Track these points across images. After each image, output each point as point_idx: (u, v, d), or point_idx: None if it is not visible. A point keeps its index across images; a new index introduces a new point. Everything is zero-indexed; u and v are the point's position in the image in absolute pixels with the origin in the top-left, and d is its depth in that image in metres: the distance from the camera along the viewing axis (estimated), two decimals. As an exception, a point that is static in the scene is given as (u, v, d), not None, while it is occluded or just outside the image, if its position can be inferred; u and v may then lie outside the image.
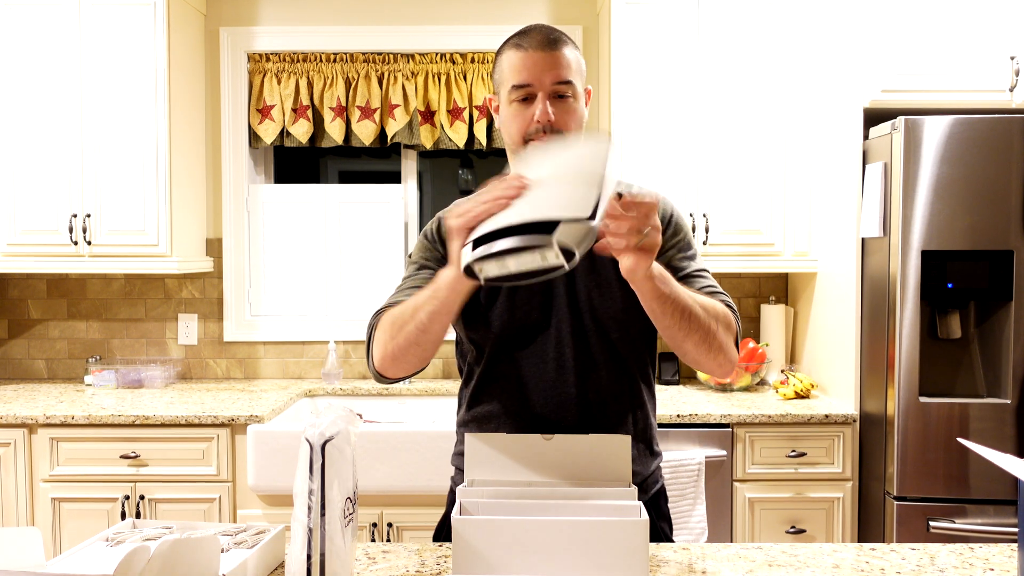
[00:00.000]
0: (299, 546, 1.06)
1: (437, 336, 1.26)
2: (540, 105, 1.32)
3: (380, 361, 1.32)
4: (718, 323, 1.28)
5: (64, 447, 2.55)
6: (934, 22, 2.49)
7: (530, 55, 1.33)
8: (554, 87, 1.32)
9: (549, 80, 1.32)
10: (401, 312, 1.27)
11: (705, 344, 1.27)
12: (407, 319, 1.25)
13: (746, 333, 3.20)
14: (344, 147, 3.24)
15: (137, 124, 2.84)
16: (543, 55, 1.32)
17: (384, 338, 1.30)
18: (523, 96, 1.33)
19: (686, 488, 2.51)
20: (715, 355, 1.29)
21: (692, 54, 2.85)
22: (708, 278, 1.39)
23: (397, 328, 1.27)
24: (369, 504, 2.51)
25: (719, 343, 1.28)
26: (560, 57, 1.33)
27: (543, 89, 1.32)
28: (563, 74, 1.33)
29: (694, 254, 1.42)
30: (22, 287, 3.23)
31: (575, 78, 1.35)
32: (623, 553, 1.09)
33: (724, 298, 1.36)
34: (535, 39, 1.33)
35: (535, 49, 1.33)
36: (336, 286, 3.28)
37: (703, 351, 1.28)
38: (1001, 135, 2.34)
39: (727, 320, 1.31)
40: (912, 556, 1.30)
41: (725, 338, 1.30)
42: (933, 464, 2.38)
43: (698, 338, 1.25)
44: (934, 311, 2.45)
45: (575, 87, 1.35)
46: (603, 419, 1.39)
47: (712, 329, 1.26)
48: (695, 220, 2.85)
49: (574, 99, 1.35)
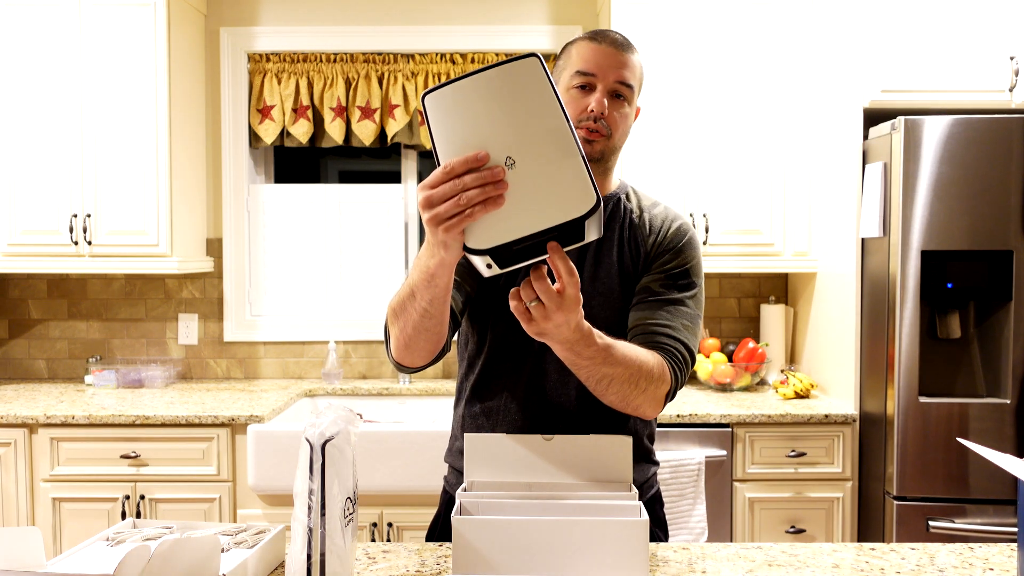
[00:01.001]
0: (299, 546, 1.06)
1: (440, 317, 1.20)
2: (598, 95, 1.33)
3: (396, 352, 1.29)
4: (647, 384, 1.24)
5: (64, 447, 2.55)
6: (934, 22, 2.49)
7: (602, 48, 1.34)
8: (615, 84, 1.34)
9: (613, 76, 1.34)
10: (400, 301, 1.23)
11: (622, 403, 1.26)
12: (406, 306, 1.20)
13: (746, 333, 3.21)
14: (344, 147, 3.24)
15: (137, 124, 2.84)
16: (614, 51, 1.34)
17: (395, 330, 1.27)
18: (583, 84, 1.34)
19: (686, 488, 2.51)
20: (633, 411, 1.28)
21: (692, 54, 2.86)
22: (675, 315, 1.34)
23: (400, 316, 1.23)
24: (369, 504, 2.51)
25: (637, 403, 1.26)
26: (629, 59, 1.35)
27: (604, 81, 1.34)
28: (627, 75, 1.35)
29: (685, 285, 1.37)
30: (22, 287, 3.23)
31: (635, 84, 1.37)
32: (623, 553, 1.09)
33: (670, 344, 1.31)
34: (611, 36, 1.36)
35: (608, 45, 1.35)
36: (336, 286, 3.29)
37: (620, 407, 1.27)
38: (1001, 135, 2.34)
39: (658, 380, 1.26)
40: (912, 556, 1.30)
41: (648, 397, 1.26)
42: (933, 464, 2.38)
43: (614, 399, 1.25)
44: (934, 311, 2.45)
45: (633, 92, 1.37)
46: (604, 425, 1.39)
47: (634, 391, 1.24)
48: (695, 220, 2.86)
49: (628, 104, 1.37)
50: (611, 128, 1.34)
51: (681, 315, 1.34)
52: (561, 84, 1.37)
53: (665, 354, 1.30)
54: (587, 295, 1.38)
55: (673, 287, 1.36)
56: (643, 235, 1.41)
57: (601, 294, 1.38)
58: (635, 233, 1.41)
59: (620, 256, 1.40)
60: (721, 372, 2.90)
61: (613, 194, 1.44)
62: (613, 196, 1.44)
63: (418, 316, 1.19)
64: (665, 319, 1.33)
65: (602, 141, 1.35)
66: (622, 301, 1.38)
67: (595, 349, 1.15)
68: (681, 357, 1.31)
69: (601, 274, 1.38)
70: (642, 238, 1.41)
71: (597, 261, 1.39)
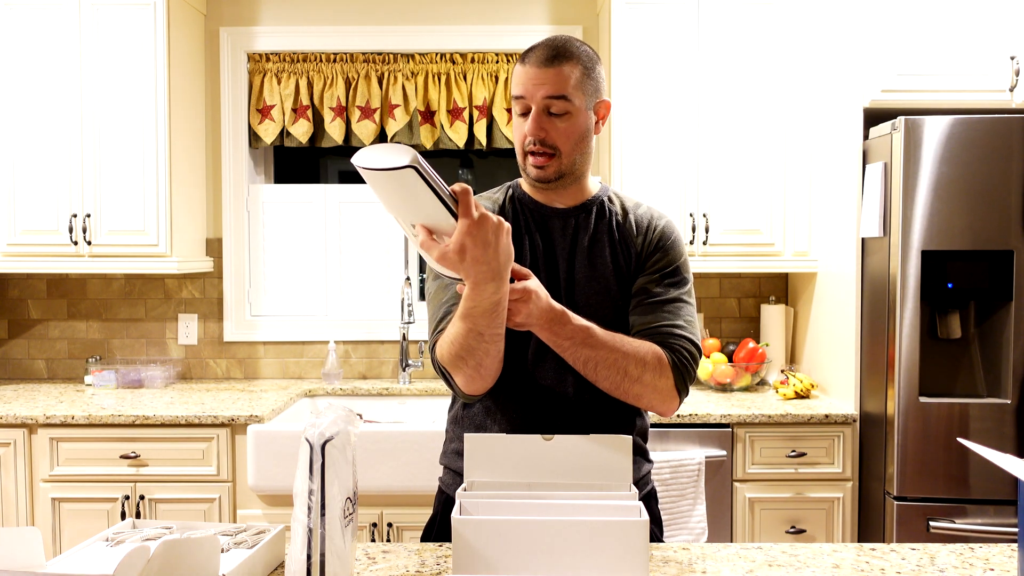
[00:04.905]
0: (299, 546, 1.06)
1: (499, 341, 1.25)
2: (531, 119, 1.36)
3: (477, 389, 1.32)
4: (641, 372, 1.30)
5: (64, 447, 2.55)
6: (934, 22, 2.49)
7: (527, 70, 1.36)
8: (545, 101, 1.35)
9: (540, 94, 1.34)
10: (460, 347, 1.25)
11: (619, 391, 1.32)
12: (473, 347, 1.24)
13: (746, 333, 3.20)
14: (344, 147, 3.24)
15: (137, 124, 2.84)
16: (538, 71, 1.35)
17: (464, 373, 1.29)
18: (522, 109, 1.37)
19: (686, 488, 2.51)
20: (635, 400, 1.34)
21: (692, 54, 2.85)
22: (676, 313, 1.38)
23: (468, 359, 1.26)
24: (369, 504, 2.51)
25: (636, 392, 1.32)
26: (556, 73, 1.34)
27: (535, 104, 1.35)
28: (556, 89, 1.34)
29: (679, 282, 1.41)
30: (22, 287, 3.23)
31: (572, 93, 1.35)
32: (623, 553, 1.09)
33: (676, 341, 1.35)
34: (536, 54, 1.36)
35: (532, 64, 1.36)
36: (336, 286, 3.28)
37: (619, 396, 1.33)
38: (1001, 135, 2.34)
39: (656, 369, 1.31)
40: (912, 556, 1.30)
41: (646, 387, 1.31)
42: (933, 464, 2.38)
43: (608, 385, 1.31)
44: (934, 311, 2.45)
45: (571, 103, 1.35)
46: (601, 423, 1.40)
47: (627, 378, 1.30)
48: (695, 220, 2.86)
49: (571, 115, 1.36)
50: (557, 145, 1.36)
51: (682, 312, 1.39)
52: None
53: (670, 350, 1.34)
54: (585, 295, 1.41)
55: (669, 285, 1.40)
56: (631, 235, 1.44)
57: (598, 293, 1.41)
58: (624, 233, 1.44)
59: (614, 256, 1.43)
60: (721, 372, 2.90)
61: (595, 197, 1.47)
62: (595, 199, 1.47)
63: (491, 344, 1.23)
64: (667, 319, 1.37)
65: (552, 163, 1.37)
66: (620, 299, 1.42)
67: (572, 328, 1.27)
68: (688, 353, 1.36)
69: (596, 274, 1.42)
70: (631, 238, 1.44)
71: (591, 262, 1.42)
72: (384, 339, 3.23)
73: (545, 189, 1.43)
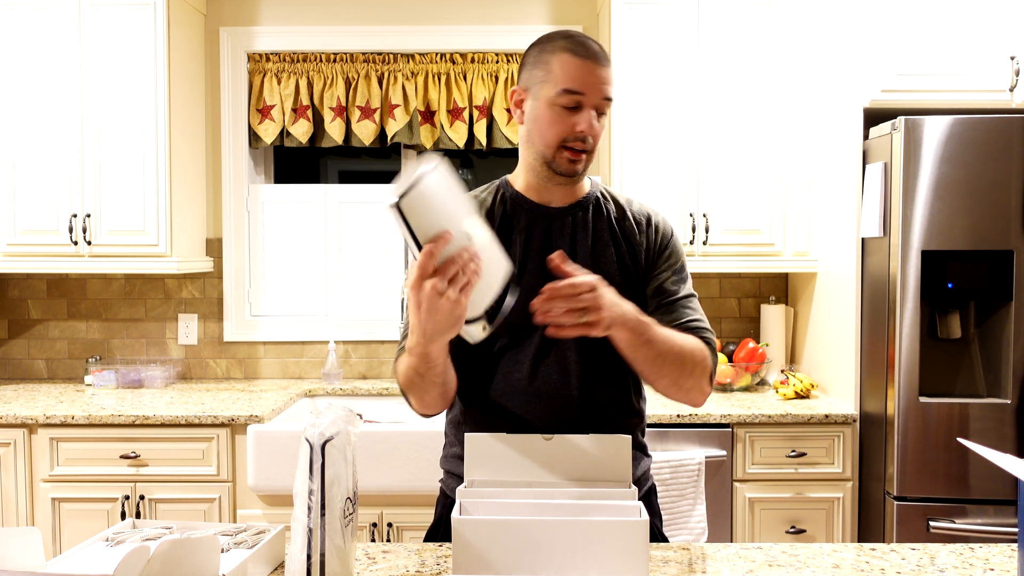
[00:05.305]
0: (299, 546, 1.06)
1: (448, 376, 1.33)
2: (586, 115, 1.33)
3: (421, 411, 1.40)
4: (694, 366, 1.36)
5: (64, 447, 2.55)
6: (934, 22, 2.49)
7: (587, 65, 1.32)
8: (600, 102, 1.35)
9: (599, 94, 1.34)
10: (407, 378, 1.33)
11: (675, 386, 1.37)
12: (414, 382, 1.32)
13: (746, 333, 3.20)
14: (344, 147, 3.24)
15: (137, 124, 2.84)
16: (598, 68, 1.33)
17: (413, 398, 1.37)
18: (572, 103, 1.33)
19: (686, 488, 2.51)
20: (684, 394, 1.39)
21: (692, 54, 2.85)
22: (695, 308, 1.44)
23: (413, 389, 1.35)
24: (369, 504, 2.51)
25: (689, 385, 1.38)
26: (609, 74, 1.35)
27: (592, 101, 1.33)
28: (610, 90, 1.35)
29: (685, 277, 1.46)
30: (22, 287, 3.23)
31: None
32: (623, 553, 1.09)
33: (706, 334, 1.42)
34: (592, 50, 1.34)
35: (592, 60, 1.33)
36: (336, 286, 3.29)
37: (673, 391, 1.39)
38: (1001, 135, 2.34)
39: (703, 362, 1.38)
40: (912, 556, 1.30)
41: (696, 380, 1.38)
42: (933, 464, 2.38)
43: (668, 381, 1.36)
44: (934, 311, 2.45)
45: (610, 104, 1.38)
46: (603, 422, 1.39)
47: (684, 372, 1.35)
48: (695, 220, 2.86)
49: (606, 116, 1.39)
50: (594, 144, 1.37)
51: (698, 308, 1.45)
52: (541, 98, 1.35)
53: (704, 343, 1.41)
54: None
55: (680, 281, 1.45)
56: (633, 234, 1.45)
57: None
58: (626, 233, 1.45)
59: (619, 257, 1.43)
60: (721, 372, 2.90)
61: (589, 194, 1.47)
62: (590, 197, 1.47)
63: (429, 385, 1.30)
64: (689, 314, 1.42)
65: (584, 159, 1.37)
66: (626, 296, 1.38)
67: (649, 325, 1.29)
68: (713, 345, 1.42)
69: (601, 271, 1.39)
70: (633, 237, 1.45)
71: (595, 263, 1.41)
72: (384, 339, 3.23)
73: (563, 184, 1.42)
